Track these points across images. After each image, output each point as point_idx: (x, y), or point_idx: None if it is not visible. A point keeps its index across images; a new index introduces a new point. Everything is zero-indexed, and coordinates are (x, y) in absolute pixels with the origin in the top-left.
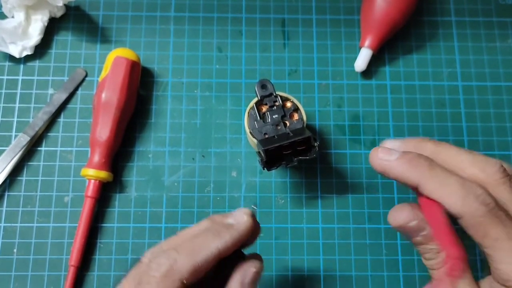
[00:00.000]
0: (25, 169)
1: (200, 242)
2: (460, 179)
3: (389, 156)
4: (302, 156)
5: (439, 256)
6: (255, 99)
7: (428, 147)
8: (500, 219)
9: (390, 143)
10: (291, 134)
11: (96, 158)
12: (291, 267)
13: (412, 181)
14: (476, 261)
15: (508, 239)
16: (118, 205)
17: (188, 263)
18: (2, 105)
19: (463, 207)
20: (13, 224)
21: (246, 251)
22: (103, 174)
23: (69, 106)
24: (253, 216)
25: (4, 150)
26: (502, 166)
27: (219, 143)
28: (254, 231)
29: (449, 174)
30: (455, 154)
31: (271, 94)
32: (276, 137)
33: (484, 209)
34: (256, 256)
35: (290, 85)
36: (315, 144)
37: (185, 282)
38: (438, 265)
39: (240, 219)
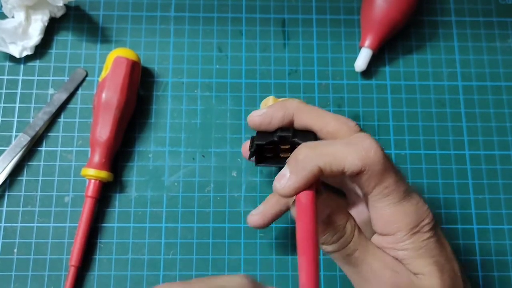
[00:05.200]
0: (25, 169)
1: None
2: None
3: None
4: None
5: None
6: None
7: (293, 103)
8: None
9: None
10: (291, 136)
11: (96, 158)
12: (291, 266)
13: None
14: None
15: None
16: (118, 205)
17: None
18: (2, 105)
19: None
20: (13, 224)
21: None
22: (103, 174)
23: (69, 106)
24: None
25: (4, 150)
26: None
27: (219, 143)
28: None
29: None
30: (317, 111)
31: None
32: (276, 139)
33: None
34: None
35: (290, 85)
36: None
37: None
38: None
39: None
